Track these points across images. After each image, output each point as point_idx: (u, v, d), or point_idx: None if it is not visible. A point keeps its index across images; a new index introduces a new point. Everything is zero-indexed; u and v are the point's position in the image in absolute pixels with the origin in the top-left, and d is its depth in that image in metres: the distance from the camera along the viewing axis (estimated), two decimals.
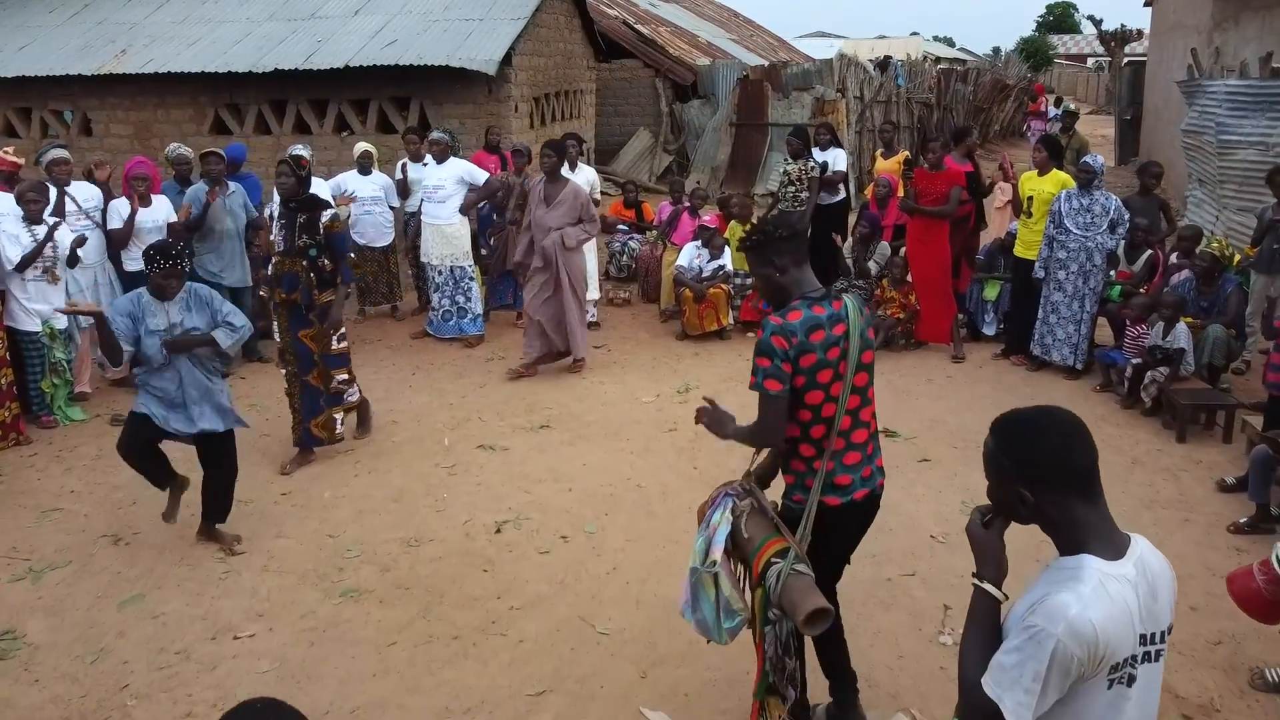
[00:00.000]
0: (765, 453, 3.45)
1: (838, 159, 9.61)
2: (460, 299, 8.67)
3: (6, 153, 7.49)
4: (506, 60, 10.81)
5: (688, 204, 10.05)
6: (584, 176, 9.05)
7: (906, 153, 10.36)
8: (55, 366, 6.75)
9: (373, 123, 11.41)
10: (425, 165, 8.85)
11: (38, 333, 6.63)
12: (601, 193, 9.51)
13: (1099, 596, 1.85)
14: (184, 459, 5.23)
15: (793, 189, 9.43)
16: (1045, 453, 1.93)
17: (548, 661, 4.17)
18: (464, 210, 8.51)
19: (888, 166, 9.67)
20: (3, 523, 5.47)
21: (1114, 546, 1.93)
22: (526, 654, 4.23)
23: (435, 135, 8.58)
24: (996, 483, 2.03)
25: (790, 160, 9.49)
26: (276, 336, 6.26)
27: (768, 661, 3.20)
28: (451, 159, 8.53)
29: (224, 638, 4.36)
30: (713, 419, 3.37)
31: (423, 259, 8.75)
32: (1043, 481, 1.93)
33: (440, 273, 8.61)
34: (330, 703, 3.92)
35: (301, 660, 4.19)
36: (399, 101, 11.39)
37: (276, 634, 4.38)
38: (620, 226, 10.70)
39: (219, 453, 5.04)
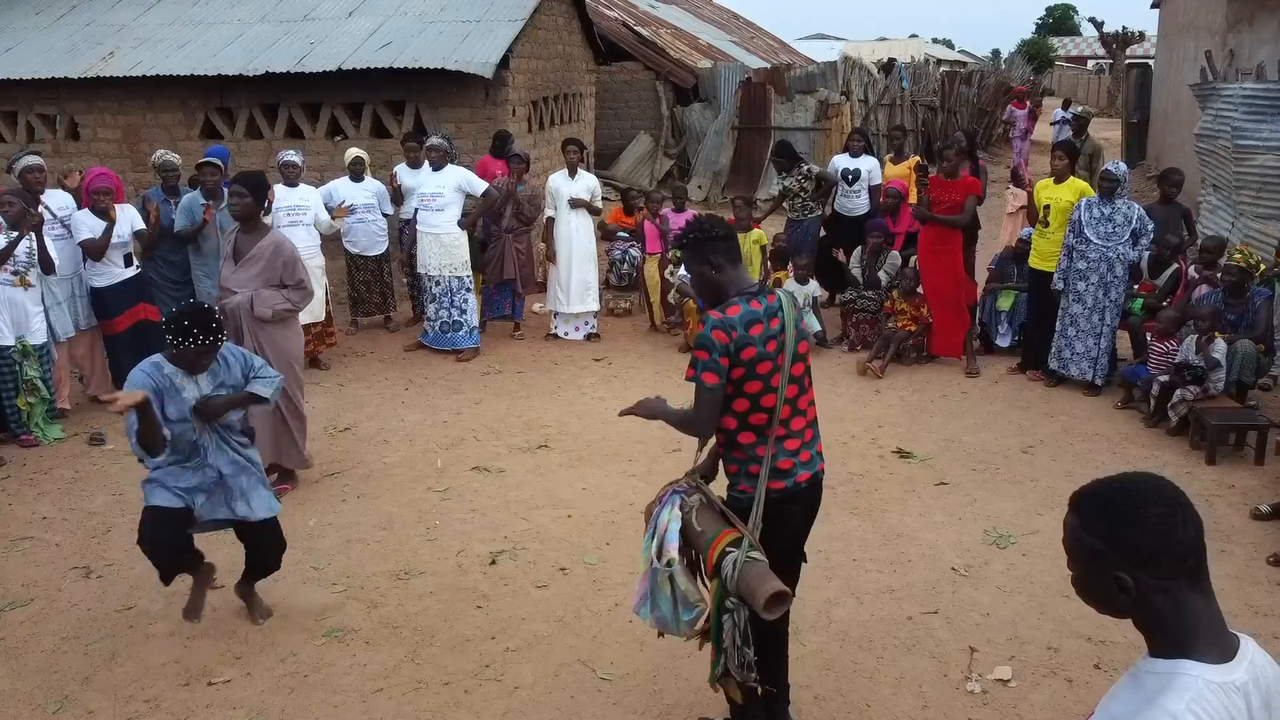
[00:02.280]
0: (707, 450, 3.55)
1: (871, 168, 9.30)
2: (455, 311, 8.36)
3: None
4: (504, 63, 10.51)
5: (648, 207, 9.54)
6: (584, 183, 8.77)
7: (918, 157, 10.05)
8: (30, 384, 6.44)
9: (366, 127, 11.11)
10: (419, 171, 8.55)
11: (10, 348, 6.32)
12: (603, 199, 9.19)
13: (1199, 710, 1.51)
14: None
15: (799, 200, 9.20)
16: (1148, 529, 1.59)
17: (546, 712, 3.86)
18: (466, 225, 8.21)
19: (898, 172, 9.38)
20: None
21: (1221, 648, 1.59)
22: (522, 703, 3.92)
23: (433, 141, 8.28)
24: (1085, 569, 1.68)
25: (784, 176, 9.28)
26: None
27: (723, 654, 3.26)
28: (450, 166, 8.23)
29: (198, 684, 4.05)
30: (643, 408, 3.46)
31: (420, 269, 8.45)
32: (1146, 564, 1.59)
33: (438, 283, 8.31)
34: None
35: (281, 709, 3.89)
36: (394, 105, 11.09)
37: (255, 679, 4.07)
38: (620, 234, 10.39)
39: (263, 533, 4.30)
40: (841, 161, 9.45)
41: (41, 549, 5.21)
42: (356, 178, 8.78)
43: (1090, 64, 60.01)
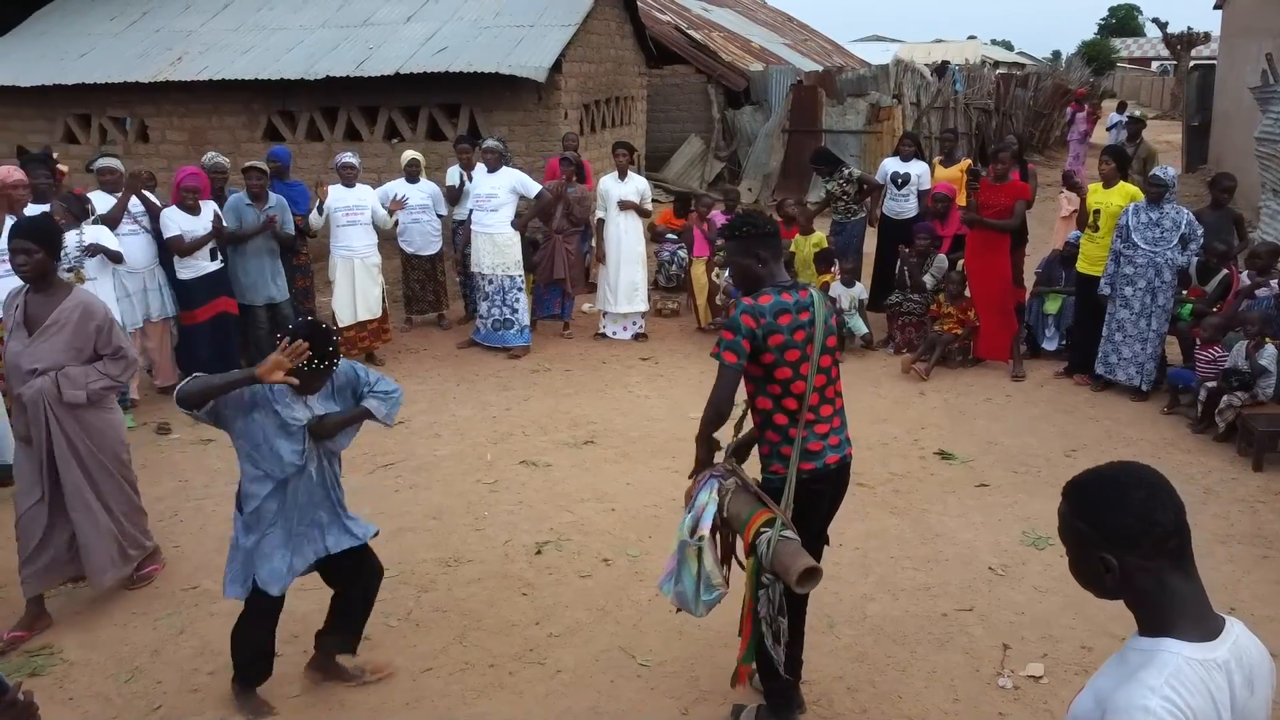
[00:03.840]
0: (743, 432, 3.74)
1: (921, 172, 9.34)
2: (507, 310, 8.58)
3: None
4: (557, 67, 10.72)
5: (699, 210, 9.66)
6: (634, 185, 8.92)
7: (969, 161, 10.03)
8: None
9: (422, 130, 11.39)
10: (475, 173, 8.79)
11: None
12: (653, 201, 9.33)
13: (1177, 684, 1.61)
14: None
15: (842, 203, 9.31)
16: (1129, 511, 1.70)
17: (586, 695, 4.01)
18: (519, 226, 8.42)
19: (948, 175, 9.38)
20: None
21: (1204, 628, 1.69)
22: (564, 685, 4.08)
23: (488, 144, 8.51)
24: (1076, 552, 1.80)
25: (826, 180, 9.39)
26: None
27: (762, 623, 3.46)
28: (504, 168, 8.44)
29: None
30: (698, 454, 3.68)
31: (473, 268, 8.67)
32: (1127, 545, 1.71)
33: (491, 281, 8.52)
34: None
35: (334, 685, 4.08)
36: (448, 109, 11.36)
37: (310, 657, 4.27)
38: (669, 236, 10.53)
39: (359, 560, 3.93)
40: (891, 165, 9.48)
41: None
42: (412, 179, 9.02)
43: (1154, 65, 58.84)
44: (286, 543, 3.69)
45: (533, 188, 8.40)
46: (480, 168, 8.56)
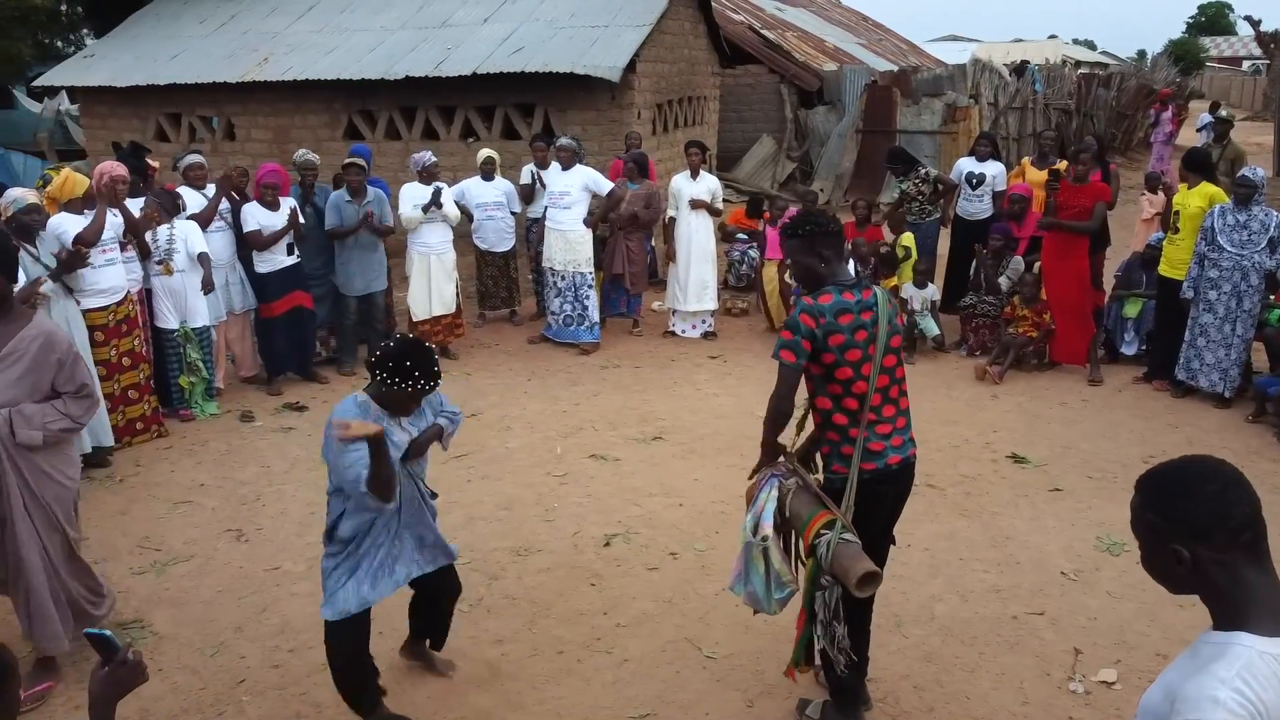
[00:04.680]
0: (805, 436, 3.74)
1: (996, 173, 9.22)
2: (579, 306, 8.69)
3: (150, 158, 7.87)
4: (630, 66, 10.80)
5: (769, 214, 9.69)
6: (705, 184, 8.96)
7: (1065, 162, 9.79)
8: (191, 365, 7.02)
9: (497, 129, 11.57)
10: (549, 171, 8.92)
11: (174, 331, 6.92)
12: (724, 200, 9.35)
13: (1249, 676, 1.59)
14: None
15: (916, 204, 9.24)
16: (1202, 502, 1.70)
17: (652, 684, 4.07)
18: (591, 224, 8.52)
19: (1037, 177, 9.18)
20: (136, 513, 5.72)
21: (1279, 621, 1.69)
22: (630, 674, 4.14)
23: (562, 142, 8.63)
24: (1147, 545, 1.79)
25: (901, 180, 9.32)
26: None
27: (818, 625, 3.48)
28: (578, 166, 8.55)
29: None
30: (761, 456, 3.72)
31: (545, 264, 8.80)
32: (1201, 537, 1.70)
33: (563, 278, 8.65)
34: (433, 712, 3.92)
35: (408, 667, 4.21)
36: (523, 108, 11.52)
37: (386, 638, 4.38)
38: (740, 236, 10.55)
39: (443, 579, 3.92)
40: (966, 165, 9.36)
41: (199, 512, 5.71)
42: (487, 177, 9.18)
43: (1245, 65, 56.83)
44: (378, 567, 3.56)
45: (604, 186, 8.50)
46: (555, 165, 8.69)
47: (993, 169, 9.25)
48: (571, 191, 8.45)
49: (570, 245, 8.54)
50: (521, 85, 11.02)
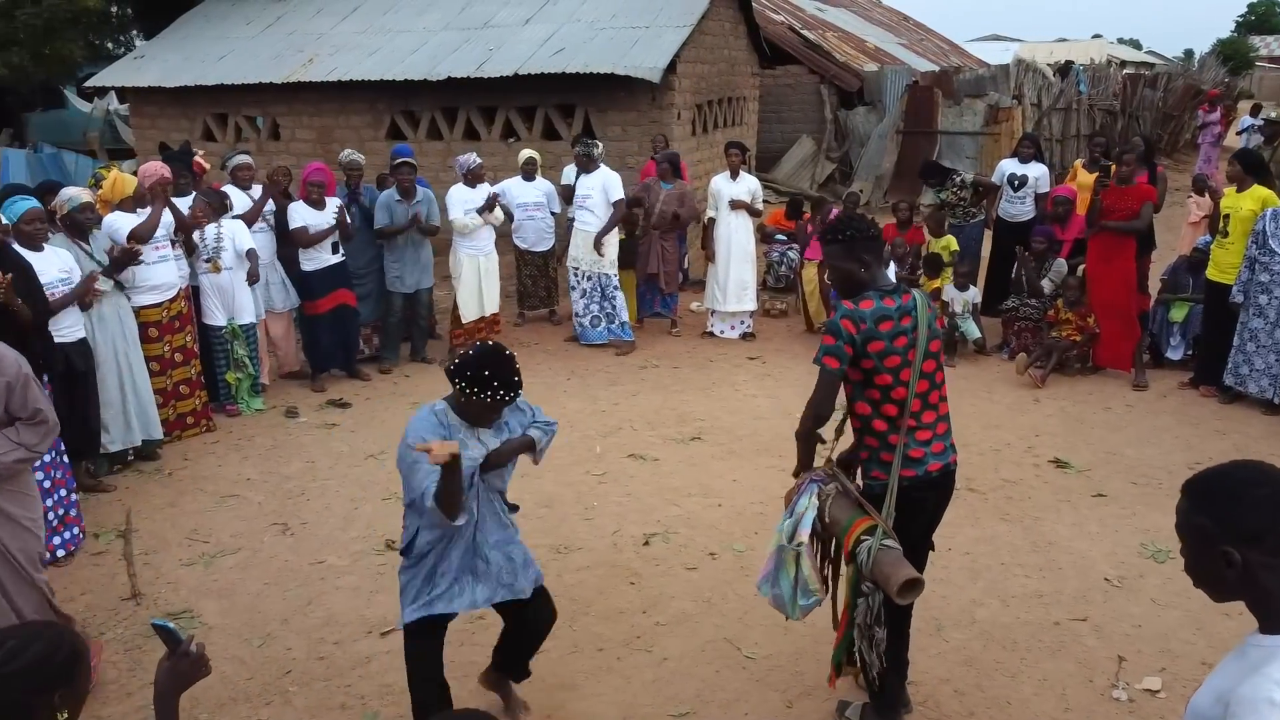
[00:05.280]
0: (844, 440, 3.75)
1: (1040, 175, 9.14)
2: (607, 305, 8.76)
3: (199, 155, 8.02)
4: (671, 67, 10.81)
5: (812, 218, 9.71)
6: (745, 185, 8.96)
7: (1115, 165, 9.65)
8: (238, 361, 7.15)
9: (538, 129, 11.63)
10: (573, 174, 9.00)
11: (221, 328, 7.04)
12: (764, 201, 9.34)
13: None
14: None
15: (960, 208, 9.23)
16: (1254, 506, 1.69)
17: (691, 683, 4.09)
18: (603, 230, 8.57)
19: (1088, 181, 9.07)
20: (185, 505, 5.84)
21: None
22: (670, 673, 4.17)
23: (579, 148, 8.74)
24: (1194, 548, 1.78)
25: (939, 190, 9.47)
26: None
27: (857, 630, 3.48)
28: (601, 168, 8.62)
29: (378, 632, 4.48)
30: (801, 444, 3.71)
31: (570, 264, 8.87)
32: (1252, 540, 1.69)
33: (588, 278, 8.70)
34: (475, 706, 3.95)
35: (450, 661, 4.24)
36: (564, 109, 11.57)
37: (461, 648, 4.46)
38: (779, 237, 10.53)
39: (541, 607, 3.73)
40: (1009, 166, 9.29)
41: (246, 506, 5.82)
42: (528, 177, 9.25)
43: None
44: (453, 582, 3.45)
45: (614, 192, 8.56)
46: (572, 168, 8.79)
47: (1035, 170, 9.17)
48: (593, 194, 8.56)
49: (594, 247, 8.64)
50: (562, 86, 11.07)
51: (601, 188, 8.54)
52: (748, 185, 8.99)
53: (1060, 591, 4.73)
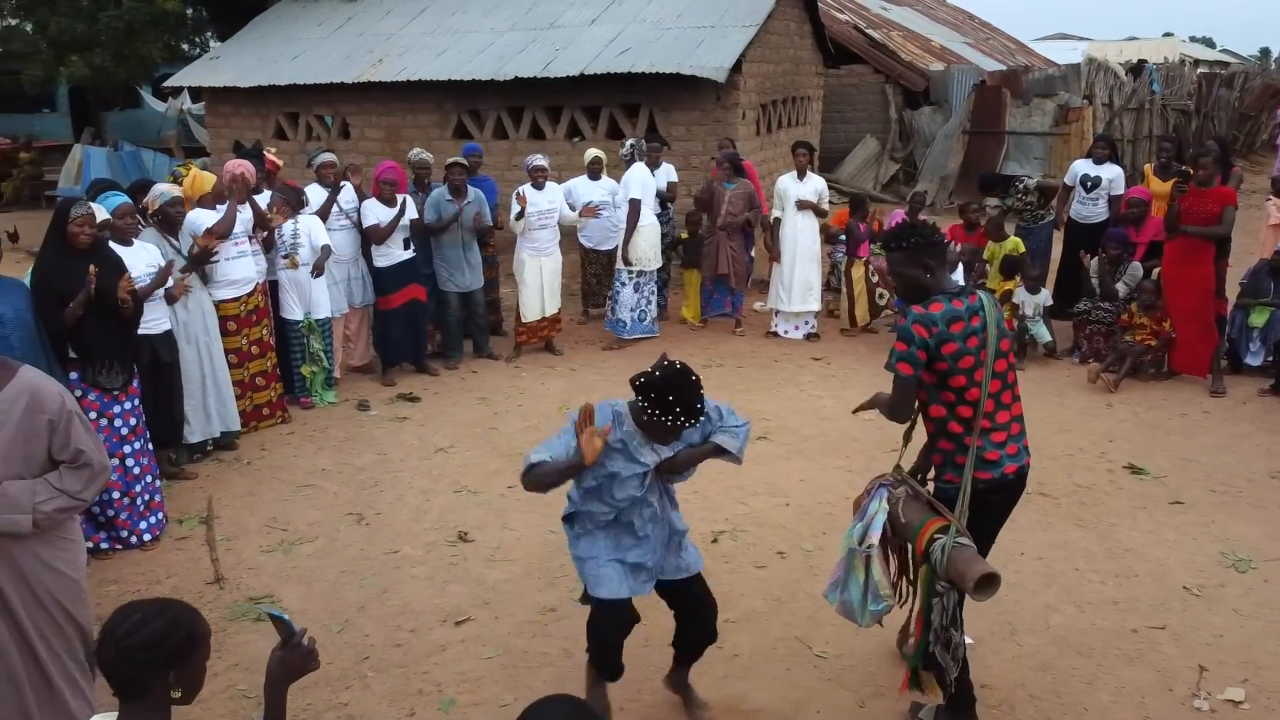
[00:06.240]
0: (912, 444, 3.76)
1: (1114, 177, 8.98)
2: (652, 301, 9.01)
3: (271, 153, 8.22)
4: (736, 67, 10.81)
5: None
6: (812, 185, 8.93)
7: (1190, 169, 9.41)
8: (313, 355, 7.31)
9: (603, 129, 11.70)
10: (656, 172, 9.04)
11: (298, 322, 7.21)
12: (830, 202, 9.30)
13: None
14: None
15: (1029, 212, 9.18)
16: None
17: (763, 680, 4.11)
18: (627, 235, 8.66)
19: (1160, 188, 8.85)
20: (263, 494, 5.99)
21: None
22: (741, 669, 4.19)
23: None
24: None
25: (1004, 199, 9.57)
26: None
27: (932, 633, 3.45)
28: (635, 166, 8.75)
29: (452, 621, 4.56)
30: (875, 400, 3.70)
31: (635, 264, 8.88)
32: None
33: (645, 275, 8.82)
34: None
35: (524, 651, 4.33)
36: (628, 108, 11.63)
37: (501, 623, 4.55)
38: (843, 237, 10.45)
39: (701, 593, 3.76)
40: (1082, 167, 9.13)
41: (321, 495, 5.96)
42: (594, 176, 9.31)
43: None
44: (619, 557, 3.55)
45: (622, 196, 8.71)
46: (666, 166, 8.82)
47: (1110, 172, 9.00)
48: (611, 200, 8.83)
49: (655, 244, 8.78)
50: (627, 86, 11.13)
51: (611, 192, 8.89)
52: (814, 185, 8.96)
53: (1137, 599, 4.65)
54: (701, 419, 3.30)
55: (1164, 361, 7.81)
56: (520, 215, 8.20)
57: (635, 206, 8.52)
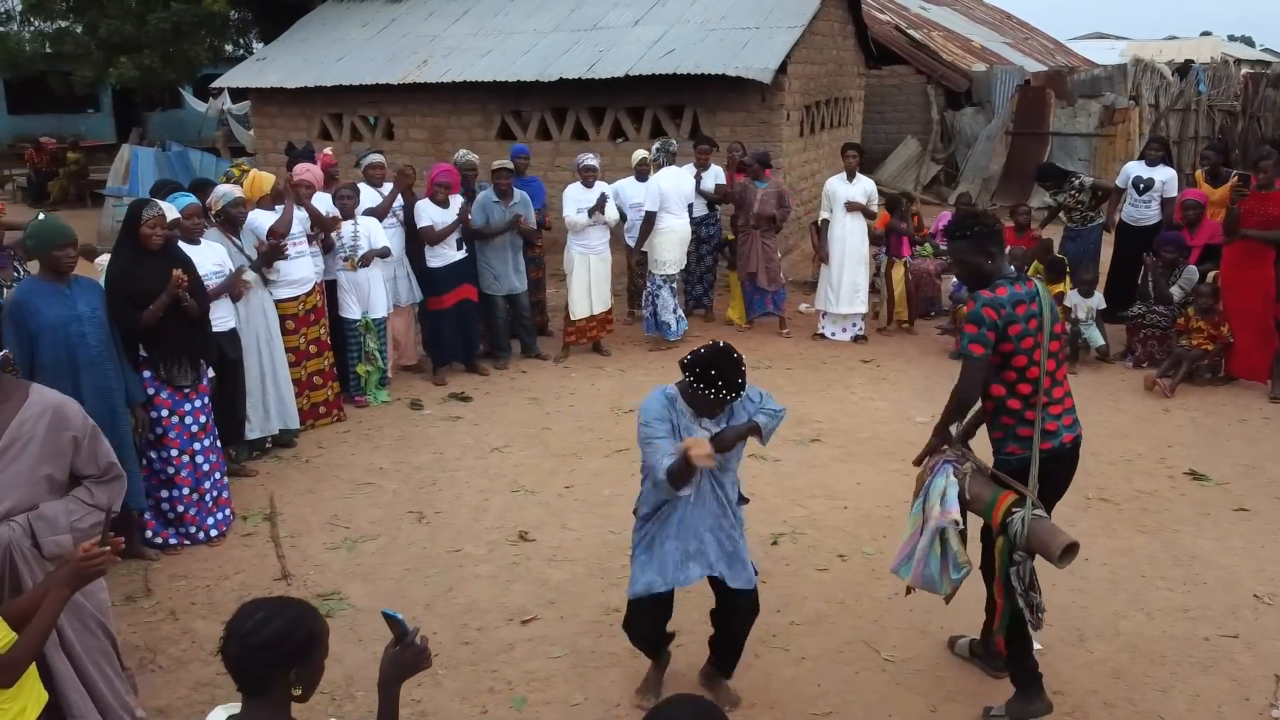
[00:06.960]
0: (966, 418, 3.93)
1: (1167, 179, 8.87)
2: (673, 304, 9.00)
3: (327, 153, 8.30)
4: (781, 68, 10.80)
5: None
6: (861, 186, 8.89)
7: (1236, 177, 9.27)
8: (369, 354, 7.38)
9: (646, 130, 11.72)
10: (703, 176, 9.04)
11: (356, 321, 7.28)
12: (878, 205, 9.26)
13: None
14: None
15: (1078, 212, 9.09)
16: None
17: (831, 682, 4.11)
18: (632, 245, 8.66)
19: (1214, 195, 8.74)
20: (323, 491, 6.06)
21: None
22: (808, 672, 4.19)
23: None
24: None
25: (1056, 194, 9.44)
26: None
27: (1018, 598, 3.62)
28: (664, 169, 8.76)
29: (518, 620, 4.60)
30: (933, 437, 3.90)
31: (673, 269, 8.90)
32: None
33: (675, 278, 8.85)
34: (620, 697, 4.05)
35: (591, 650, 4.36)
36: (672, 109, 11.64)
37: (567, 623, 4.57)
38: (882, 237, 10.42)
39: (742, 602, 3.85)
40: (1134, 169, 9.04)
41: (380, 494, 6.02)
42: (641, 177, 9.31)
43: None
44: (667, 556, 3.71)
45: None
46: (714, 168, 8.81)
47: (1163, 174, 8.90)
48: (671, 196, 8.73)
49: (680, 247, 8.83)
50: (671, 87, 11.15)
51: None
52: (863, 187, 8.92)
53: (1207, 607, 4.60)
54: (743, 394, 3.53)
55: (1220, 366, 7.72)
56: (599, 208, 8.24)
57: (650, 219, 8.58)
